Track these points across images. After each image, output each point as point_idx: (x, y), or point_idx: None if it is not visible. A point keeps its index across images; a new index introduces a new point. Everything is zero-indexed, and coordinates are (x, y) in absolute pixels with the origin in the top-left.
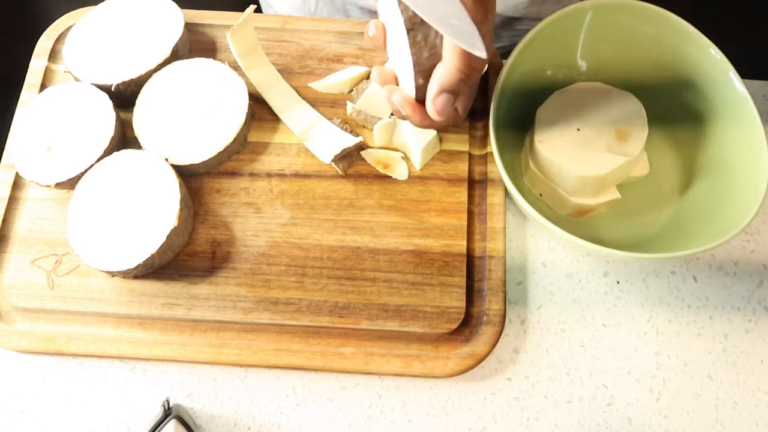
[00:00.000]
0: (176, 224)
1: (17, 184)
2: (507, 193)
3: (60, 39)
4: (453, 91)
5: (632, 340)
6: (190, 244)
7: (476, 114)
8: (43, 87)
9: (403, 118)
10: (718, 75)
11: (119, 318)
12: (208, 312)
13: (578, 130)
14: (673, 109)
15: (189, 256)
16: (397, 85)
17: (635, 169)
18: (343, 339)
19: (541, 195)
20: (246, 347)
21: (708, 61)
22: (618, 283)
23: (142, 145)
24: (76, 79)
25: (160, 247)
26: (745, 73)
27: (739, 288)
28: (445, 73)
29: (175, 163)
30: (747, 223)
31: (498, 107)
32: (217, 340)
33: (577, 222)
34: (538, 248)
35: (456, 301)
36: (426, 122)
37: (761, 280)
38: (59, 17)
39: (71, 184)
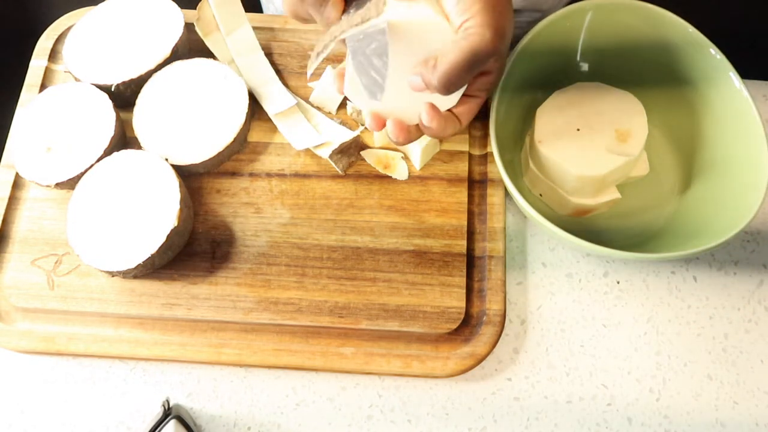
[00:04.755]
0: (176, 224)
1: (17, 184)
2: (507, 193)
3: (60, 39)
4: (426, 82)
5: (632, 340)
6: (190, 244)
7: (476, 114)
8: (43, 87)
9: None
10: (718, 75)
11: (119, 318)
12: (208, 312)
13: (578, 130)
14: (673, 109)
15: (189, 256)
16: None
17: (635, 169)
18: (343, 339)
19: (541, 195)
20: (246, 347)
21: (708, 61)
22: (618, 283)
23: (142, 145)
24: (76, 79)
25: (160, 247)
26: (745, 73)
27: (739, 288)
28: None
29: (175, 163)
30: (747, 223)
31: (498, 107)
32: (217, 340)
33: (577, 222)
34: (538, 248)
35: (456, 301)
36: (447, 132)
37: (761, 280)
38: (59, 17)
39: (71, 184)
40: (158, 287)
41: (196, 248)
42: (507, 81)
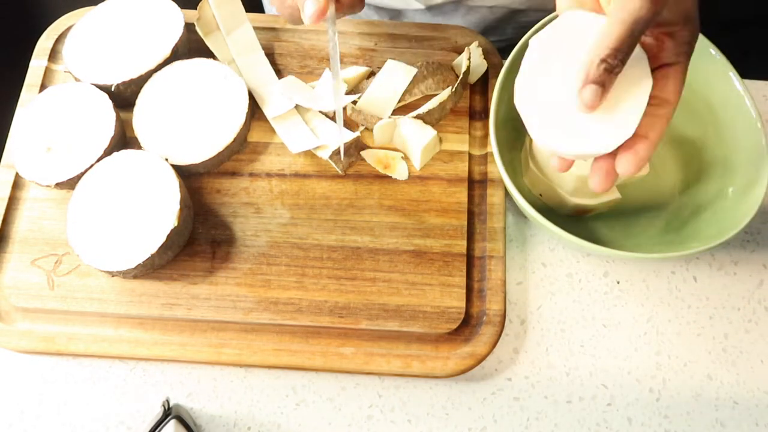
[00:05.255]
0: (176, 224)
1: (17, 184)
2: (507, 193)
3: (60, 39)
4: (599, 82)
5: (632, 340)
6: (190, 244)
7: (476, 114)
8: (43, 87)
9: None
10: (718, 75)
11: (119, 318)
12: (208, 312)
13: None
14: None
15: (189, 256)
16: None
17: None
18: (343, 339)
19: (541, 195)
20: (246, 347)
21: (708, 61)
22: (618, 283)
23: (142, 145)
24: (76, 79)
25: (160, 247)
26: (745, 73)
27: (739, 288)
28: (590, 55)
29: (175, 163)
30: (747, 223)
31: (498, 107)
32: (217, 340)
33: (577, 222)
34: (538, 248)
35: (456, 301)
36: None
37: (761, 280)
38: (59, 17)
39: (71, 184)
40: (158, 287)
41: (196, 248)
42: (507, 80)
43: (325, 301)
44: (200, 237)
